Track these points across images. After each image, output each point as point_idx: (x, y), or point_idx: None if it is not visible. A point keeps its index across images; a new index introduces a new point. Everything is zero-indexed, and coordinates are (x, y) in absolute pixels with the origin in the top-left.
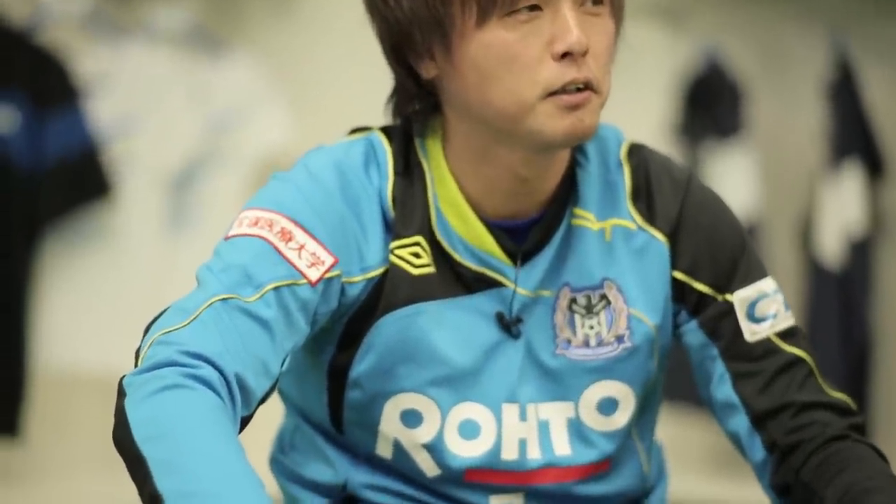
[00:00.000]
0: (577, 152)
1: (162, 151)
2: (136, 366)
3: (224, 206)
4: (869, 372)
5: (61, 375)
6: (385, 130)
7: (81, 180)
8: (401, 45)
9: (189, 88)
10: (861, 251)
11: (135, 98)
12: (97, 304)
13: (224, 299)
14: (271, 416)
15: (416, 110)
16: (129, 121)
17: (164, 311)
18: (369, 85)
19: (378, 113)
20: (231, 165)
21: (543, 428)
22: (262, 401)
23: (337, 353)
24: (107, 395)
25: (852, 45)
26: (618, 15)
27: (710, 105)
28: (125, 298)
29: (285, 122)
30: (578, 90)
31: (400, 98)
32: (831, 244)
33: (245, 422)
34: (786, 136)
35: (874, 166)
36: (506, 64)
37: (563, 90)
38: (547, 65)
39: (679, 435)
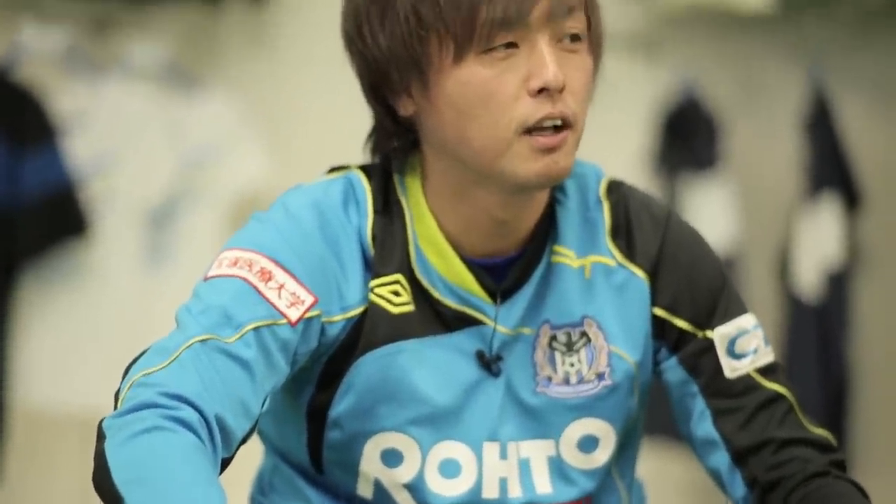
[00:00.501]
0: (557, 189)
1: (139, 188)
2: (115, 408)
3: (202, 241)
4: (847, 405)
5: (40, 413)
6: (364, 169)
7: (59, 217)
8: (379, 83)
9: (165, 125)
10: (839, 284)
11: (112, 135)
12: (76, 342)
13: (203, 340)
14: (251, 456)
15: (395, 148)
16: (106, 158)
17: (144, 352)
18: (345, 120)
19: (354, 149)
20: (208, 201)
21: (524, 466)
22: (243, 442)
23: (316, 392)
24: (86, 433)
25: (829, 78)
26: (596, 52)
27: (688, 137)
28: (104, 335)
29: (262, 158)
30: (555, 129)
31: (379, 135)
32: (809, 277)
33: (226, 463)
34: (763, 168)
35: (851, 198)
36: (482, 101)
37: (539, 128)
38: (523, 101)
39: (659, 469)
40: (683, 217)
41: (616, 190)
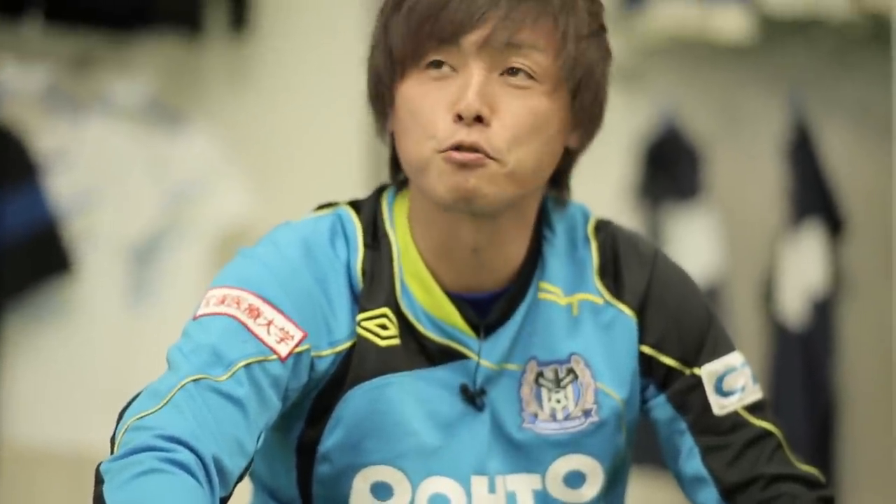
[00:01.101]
0: (545, 227)
1: (122, 225)
2: (111, 452)
3: (186, 277)
4: (834, 432)
5: (27, 450)
6: (353, 204)
7: (43, 256)
8: (375, 105)
9: (148, 161)
10: (823, 310)
11: (94, 172)
12: (61, 379)
13: (195, 380)
14: (239, 495)
15: (398, 175)
16: (88, 195)
17: (137, 395)
18: (328, 154)
19: (337, 182)
20: (192, 237)
21: (511, 500)
22: (239, 479)
23: (306, 427)
24: (73, 470)
25: (810, 105)
26: (561, 97)
27: (670, 167)
28: (89, 372)
29: (245, 194)
30: (469, 150)
31: (390, 165)
32: (793, 304)
33: (223, 502)
34: (746, 196)
35: (834, 225)
36: (412, 118)
37: (455, 149)
38: (444, 123)
39: (646, 498)
40: (669, 254)
41: (603, 229)
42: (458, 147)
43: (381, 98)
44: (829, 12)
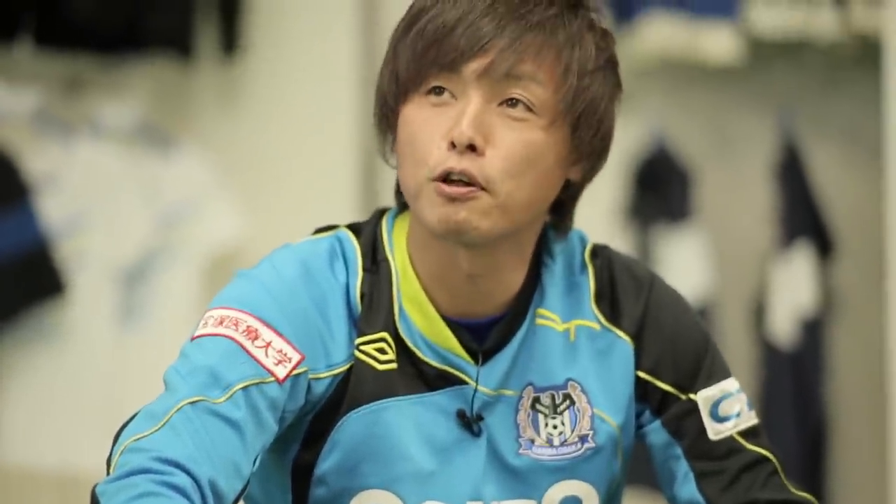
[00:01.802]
0: (545, 253)
1: (113, 247)
2: (107, 473)
3: (177, 299)
4: (825, 452)
5: (18, 472)
6: (352, 227)
7: (34, 278)
8: (382, 127)
9: (138, 184)
10: (813, 331)
11: (85, 195)
12: (53, 401)
13: (193, 402)
14: None
15: (403, 202)
16: (79, 218)
17: (134, 416)
18: (319, 176)
19: (328, 204)
20: (183, 259)
21: None
22: (235, 502)
23: (302, 450)
24: (65, 492)
25: (799, 126)
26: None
27: (660, 188)
28: (81, 394)
29: (236, 216)
30: (464, 184)
31: (395, 186)
32: (783, 325)
33: None
34: (735, 217)
35: (824, 245)
36: (411, 142)
37: (446, 179)
38: (439, 150)
39: None
40: (665, 280)
41: (600, 254)
42: (448, 175)
43: (387, 120)
44: (818, 33)
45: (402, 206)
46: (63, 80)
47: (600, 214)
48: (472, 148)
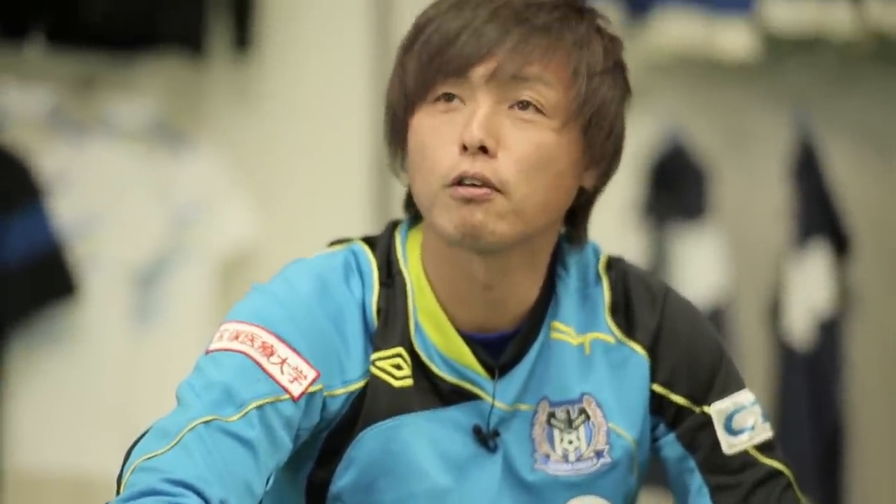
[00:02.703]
0: (559, 265)
1: (126, 248)
2: (117, 492)
3: (190, 300)
4: (842, 454)
5: (32, 475)
6: (367, 240)
7: (47, 280)
8: (391, 139)
9: (152, 184)
10: (830, 330)
11: (98, 195)
12: (66, 404)
13: (206, 422)
14: None
15: (412, 211)
16: (92, 218)
17: (145, 432)
18: (332, 175)
19: (341, 203)
20: (196, 260)
21: None
22: None
23: (316, 467)
24: (78, 495)
25: (815, 123)
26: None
27: (675, 186)
28: (94, 396)
29: (249, 215)
30: (475, 185)
31: (405, 200)
32: (800, 324)
33: None
34: (751, 215)
35: (840, 244)
36: (422, 151)
37: (460, 183)
38: (451, 156)
39: None
40: (676, 274)
41: (615, 266)
42: (462, 179)
43: (396, 134)
44: (833, 30)
45: (413, 219)
46: (75, 80)
47: (615, 213)
48: (483, 150)
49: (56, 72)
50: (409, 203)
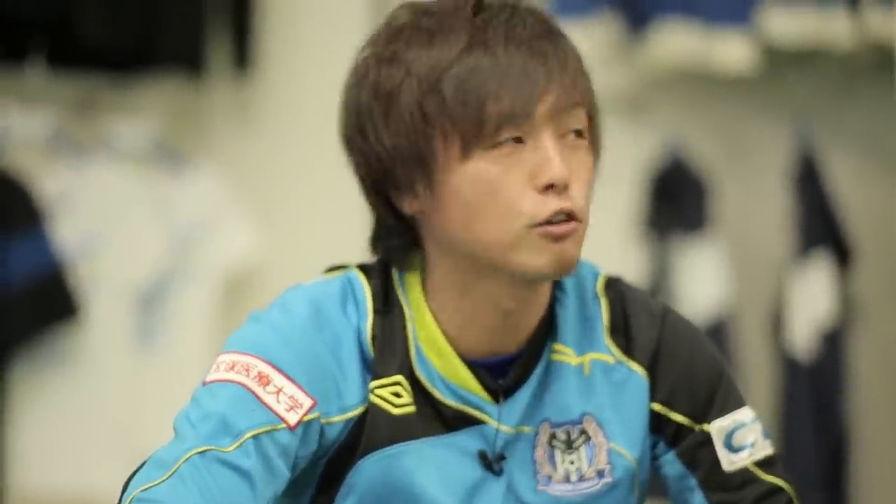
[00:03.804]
0: (556, 287)
1: (128, 268)
2: None
3: (192, 320)
4: (846, 466)
5: (34, 497)
6: (362, 268)
7: (49, 302)
8: (382, 181)
9: (153, 204)
10: (833, 342)
11: (99, 216)
12: (68, 425)
13: (202, 452)
14: None
15: (396, 246)
16: (94, 239)
17: (143, 464)
18: (333, 194)
19: (342, 223)
20: (198, 280)
21: None
22: None
23: (317, 495)
24: None
25: (816, 135)
26: (597, 150)
27: (676, 199)
28: (96, 418)
29: (251, 234)
30: (564, 220)
31: (380, 234)
32: (802, 336)
33: None
34: (753, 227)
35: (843, 255)
36: (491, 197)
37: (549, 221)
38: (530, 197)
39: None
40: (676, 289)
41: (613, 286)
42: (552, 218)
43: (410, 182)
44: (833, 42)
45: (384, 256)
46: (76, 101)
47: (616, 226)
48: (564, 186)
49: (56, 94)
50: (407, 243)
